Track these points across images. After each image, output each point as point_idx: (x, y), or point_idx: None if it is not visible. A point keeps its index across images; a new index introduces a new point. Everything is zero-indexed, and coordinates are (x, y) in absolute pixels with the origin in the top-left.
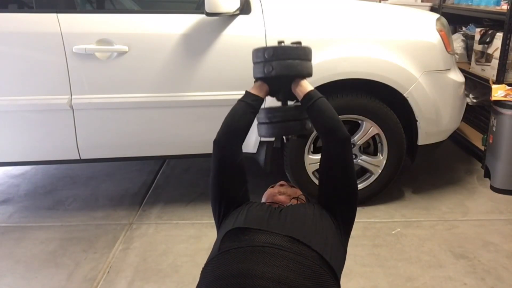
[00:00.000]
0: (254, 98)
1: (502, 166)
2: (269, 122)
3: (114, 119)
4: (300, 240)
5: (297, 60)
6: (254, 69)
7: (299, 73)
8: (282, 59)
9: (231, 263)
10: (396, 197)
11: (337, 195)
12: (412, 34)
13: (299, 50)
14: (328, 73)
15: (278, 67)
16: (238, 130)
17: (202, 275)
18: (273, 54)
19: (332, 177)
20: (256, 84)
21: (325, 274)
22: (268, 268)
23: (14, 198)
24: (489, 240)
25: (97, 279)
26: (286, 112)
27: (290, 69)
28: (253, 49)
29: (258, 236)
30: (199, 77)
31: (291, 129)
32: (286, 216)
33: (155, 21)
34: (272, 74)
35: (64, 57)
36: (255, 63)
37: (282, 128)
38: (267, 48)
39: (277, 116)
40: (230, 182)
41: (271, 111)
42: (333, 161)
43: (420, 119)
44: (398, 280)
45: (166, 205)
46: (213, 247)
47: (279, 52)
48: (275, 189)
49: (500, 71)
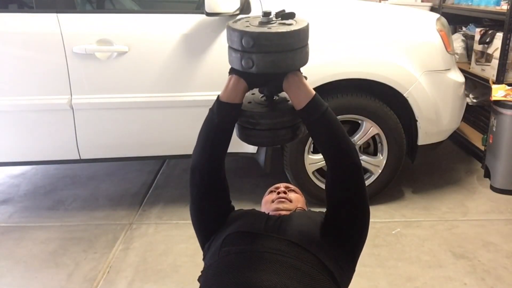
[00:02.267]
0: (229, 110)
1: (502, 166)
2: (251, 129)
3: (114, 119)
4: (299, 244)
5: (288, 52)
6: (229, 55)
7: (290, 68)
8: (265, 52)
9: (231, 270)
10: (396, 197)
11: (348, 221)
12: (412, 34)
13: (290, 36)
14: (328, 73)
15: (260, 63)
16: (215, 153)
17: (201, 281)
18: (254, 44)
19: (342, 206)
20: (231, 80)
21: (323, 279)
22: (267, 275)
23: (14, 198)
24: (489, 240)
25: (97, 279)
26: (275, 120)
27: (277, 65)
28: (228, 25)
29: (257, 240)
30: (199, 77)
31: (279, 139)
32: (285, 221)
33: (155, 21)
34: (252, 71)
35: (64, 57)
36: (230, 48)
37: (268, 137)
38: (245, 33)
39: (263, 124)
40: (213, 209)
41: (254, 117)
42: (341, 191)
43: (420, 119)
44: (398, 280)
45: (166, 205)
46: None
47: (262, 42)
48: (274, 205)
49: (500, 71)
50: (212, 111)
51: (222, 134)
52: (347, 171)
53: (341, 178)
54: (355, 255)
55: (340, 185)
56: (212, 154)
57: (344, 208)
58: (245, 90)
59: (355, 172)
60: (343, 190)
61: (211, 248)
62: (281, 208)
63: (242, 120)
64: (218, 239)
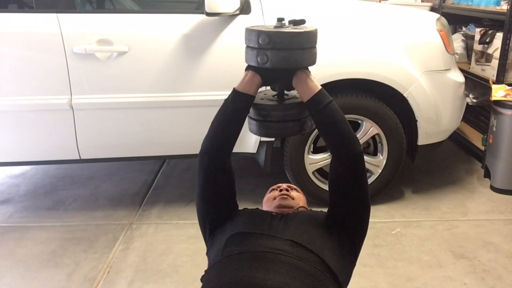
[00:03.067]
0: (244, 99)
1: (502, 166)
2: (262, 120)
3: (114, 119)
4: (302, 244)
5: (298, 50)
6: (246, 54)
7: (299, 65)
8: (279, 48)
9: (233, 269)
10: (396, 197)
11: (349, 213)
12: (412, 34)
13: (301, 36)
14: (328, 73)
15: (274, 58)
16: (225, 140)
17: (204, 281)
18: (269, 41)
19: (344, 195)
20: (247, 75)
21: (326, 279)
22: (269, 275)
23: (14, 198)
24: (489, 240)
25: (97, 279)
26: (285, 112)
27: (289, 61)
28: (246, 28)
29: (260, 240)
30: (199, 77)
31: (289, 130)
32: (288, 220)
33: (155, 21)
34: (266, 66)
35: (64, 57)
36: (247, 47)
37: (278, 129)
38: (262, 32)
39: (273, 115)
40: (219, 197)
41: (266, 109)
42: (346, 181)
43: (420, 119)
44: (398, 280)
45: (166, 205)
46: (210, 255)
47: (276, 39)
48: (276, 202)
49: (500, 71)
50: (227, 100)
51: (234, 123)
52: (350, 158)
53: (345, 166)
54: (356, 251)
55: (343, 173)
56: (222, 141)
57: (346, 197)
58: (259, 85)
59: (357, 159)
60: (346, 177)
61: (214, 245)
62: (283, 205)
63: (255, 112)
64: (221, 237)
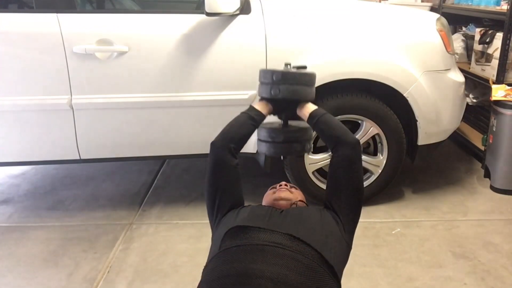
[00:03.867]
0: (257, 113)
1: (502, 166)
2: (271, 142)
3: (114, 119)
4: (300, 238)
5: (304, 86)
6: (261, 89)
7: (304, 98)
8: (290, 83)
9: (232, 261)
10: (396, 197)
11: (343, 194)
12: (412, 34)
13: (306, 76)
14: (328, 73)
15: (285, 91)
16: (236, 137)
17: (203, 274)
18: (282, 78)
19: (339, 176)
20: (261, 102)
21: (324, 272)
22: (267, 266)
23: (14, 198)
24: (489, 240)
25: (97, 279)
26: (290, 134)
27: (296, 94)
28: (261, 70)
29: (258, 234)
30: (199, 77)
31: (292, 150)
32: (287, 215)
33: (155, 21)
34: (278, 97)
35: (64, 57)
36: (262, 83)
37: (283, 148)
38: (276, 71)
39: (280, 137)
40: (225, 184)
41: (275, 132)
42: (341, 162)
43: (420, 119)
44: (398, 280)
45: (166, 205)
46: (212, 246)
47: (288, 77)
48: (275, 194)
49: (500, 71)
50: (243, 112)
51: (246, 125)
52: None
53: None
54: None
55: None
56: (232, 139)
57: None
58: (270, 110)
59: (355, 145)
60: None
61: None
62: (281, 197)
63: (265, 135)
64: (222, 229)
